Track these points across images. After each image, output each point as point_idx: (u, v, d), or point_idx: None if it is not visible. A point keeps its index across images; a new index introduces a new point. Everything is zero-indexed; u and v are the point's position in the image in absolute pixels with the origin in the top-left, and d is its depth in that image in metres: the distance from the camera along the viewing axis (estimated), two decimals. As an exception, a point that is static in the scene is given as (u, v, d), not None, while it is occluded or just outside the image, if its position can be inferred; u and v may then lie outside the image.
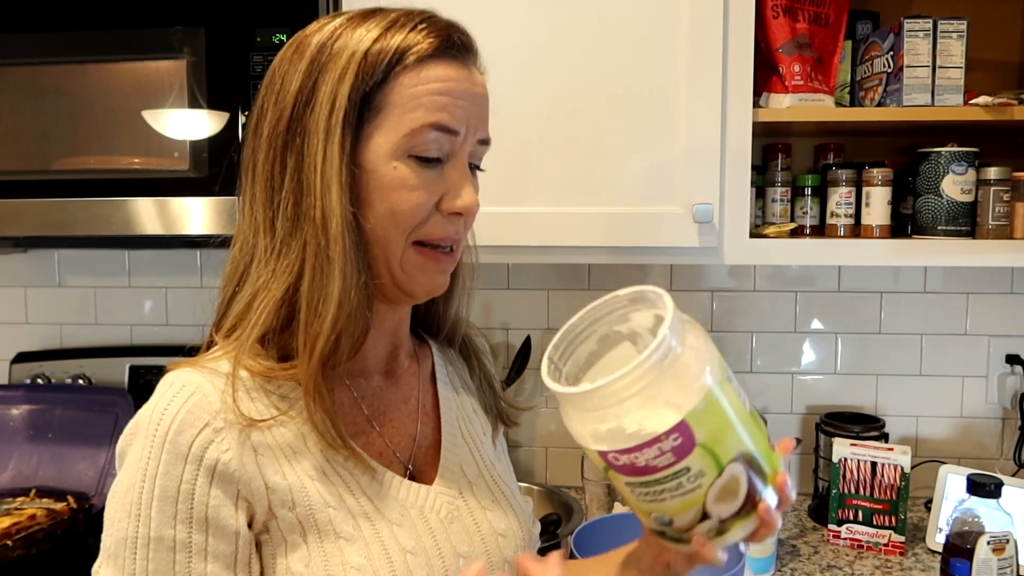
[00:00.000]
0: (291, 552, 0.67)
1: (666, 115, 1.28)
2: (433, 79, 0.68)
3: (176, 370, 0.69)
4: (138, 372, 1.69)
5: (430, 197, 0.70)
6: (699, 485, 0.62)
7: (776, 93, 1.33)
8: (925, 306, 1.63)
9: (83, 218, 1.33)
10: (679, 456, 0.60)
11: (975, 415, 1.64)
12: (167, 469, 0.64)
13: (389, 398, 0.79)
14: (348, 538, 0.68)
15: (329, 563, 0.67)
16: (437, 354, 0.87)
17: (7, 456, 1.62)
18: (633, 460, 0.61)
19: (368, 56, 0.67)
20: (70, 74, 1.31)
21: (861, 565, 1.34)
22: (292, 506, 0.67)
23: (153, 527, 0.64)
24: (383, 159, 0.68)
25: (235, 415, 0.66)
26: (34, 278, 1.82)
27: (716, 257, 1.32)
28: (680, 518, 0.64)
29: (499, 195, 1.31)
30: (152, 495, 0.64)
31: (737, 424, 0.63)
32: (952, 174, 1.31)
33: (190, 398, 0.66)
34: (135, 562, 0.64)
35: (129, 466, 0.65)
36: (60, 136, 1.32)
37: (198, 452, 0.64)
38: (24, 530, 1.36)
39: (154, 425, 0.65)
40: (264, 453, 0.67)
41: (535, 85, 1.30)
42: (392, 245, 0.70)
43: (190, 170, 1.29)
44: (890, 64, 1.33)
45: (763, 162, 1.52)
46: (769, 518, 0.65)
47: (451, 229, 0.72)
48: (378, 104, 0.68)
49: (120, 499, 0.65)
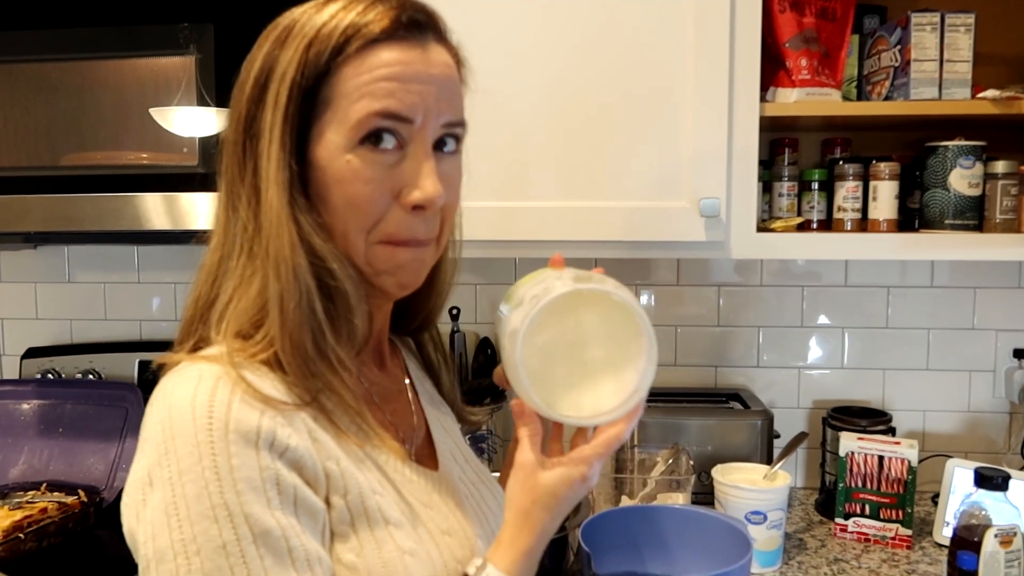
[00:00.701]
0: (339, 543, 0.64)
1: (673, 110, 1.28)
2: (378, 65, 0.64)
3: (195, 363, 0.63)
4: (147, 367, 1.70)
5: (385, 189, 0.66)
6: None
7: (783, 87, 1.33)
8: (932, 300, 1.63)
9: (92, 213, 1.34)
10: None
11: (982, 409, 1.64)
12: (241, 460, 0.57)
13: (388, 388, 0.80)
14: (397, 524, 0.67)
15: (382, 550, 0.64)
16: (405, 351, 0.88)
17: (18, 450, 1.63)
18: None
19: (310, 48, 0.64)
20: (78, 70, 1.32)
21: (868, 558, 1.35)
22: (344, 493, 0.64)
23: (253, 522, 0.57)
24: (336, 154, 0.65)
25: (280, 403, 0.62)
26: (44, 274, 1.83)
27: (723, 251, 1.32)
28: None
29: (504, 190, 1.32)
30: (236, 491, 0.57)
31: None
32: (960, 168, 1.31)
33: (235, 387, 0.60)
34: (246, 565, 0.56)
35: (185, 474, 0.57)
36: (68, 132, 1.33)
37: (268, 436, 0.59)
38: (35, 524, 1.37)
39: (204, 420, 0.58)
40: (318, 438, 0.64)
41: (540, 80, 1.30)
42: (353, 241, 0.67)
43: (199, 165, 1.30)
44: (897, 58, 1.33)
45: (770, 157, 1.53)
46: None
47: (417, 228, 0.68)
48: (325, 98, 0.65)
49: (191, 510, 0.56)
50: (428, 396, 0.86)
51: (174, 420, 0.58)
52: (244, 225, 0.66)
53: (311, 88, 0.64)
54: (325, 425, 0.66)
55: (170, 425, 0.58)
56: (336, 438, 0.66)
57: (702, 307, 1.69)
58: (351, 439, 0.67)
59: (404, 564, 0.65)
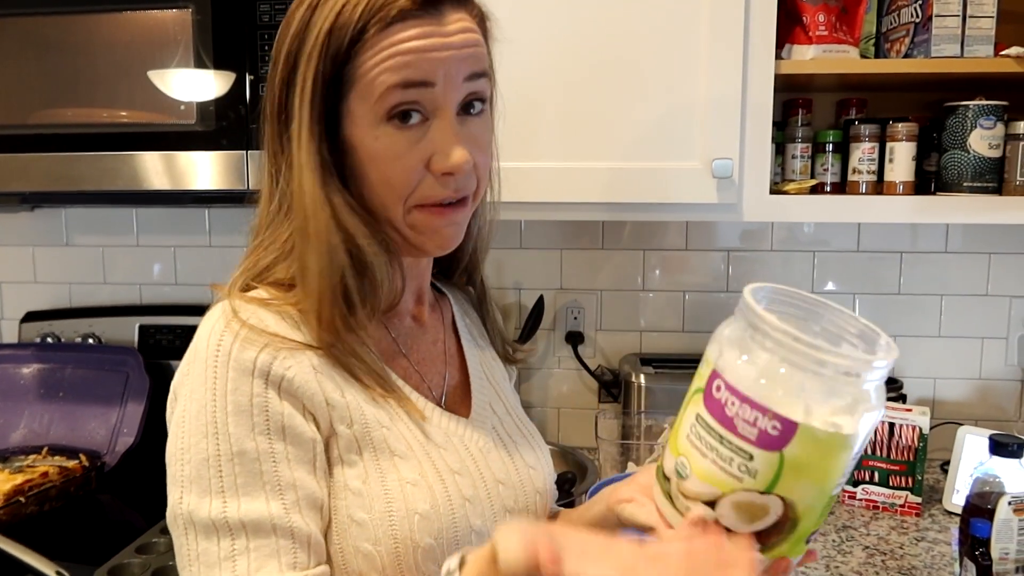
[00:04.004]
0: (347, 468, 0.68)
1: (686, 67, 1.24)
2: (396, 43, 0.66)
3: (225, 300, 0.69)
4: (147, 331, 1.68)
5: (418, 160, 0.69)
6: (740, 478, 0.57)
7: (799, 44, 1.29)
8: (946, 266, 1.60)
9: (90, 173, 1.31)
10: (757, 443, 0.56)
11: (994, 377, 1.62)
12: (236, 385, 0.64)
13: (420, 338, 0.82)
14: (402, 456, 0.70)
15: (385, 479, 0.68)
16: (455, 305, 0.90)
17: (19, 414, 1.62)
18: (725, 403, 0.57)
19: (332, 34, 0.66)
20: (73, 25, 1.28)
21: (877, 526, 1.33)
22: (350, 423, 0.69)
23: (234, 442, 0.64)
24: (366, 131, 0.68)
25: (284, 340, 0.67)
26: (42, 237, 1.81)
27: (735, 214, 1.29)
28: (697, 484, 0.60)
29: (509, 150, 1.27)
30: (226, 412, 0.64)
31: (817, 487, 0.58)
32: (980, 128, 1.27)
33: (248, 320, 0.67)
34: (222, 479, 0.63)
35: (193, 391, 0.65)
36: (64, 89, 1.29)
37: (264, 368, 0.65)
38: (37, 487, 1.36)
39: (214, 347, 0.65)
40: (322, 372, 0.68)
41: (548, 34, 1.26)
42: (392, 212, 0.71)
43: (197, 124, 1.27)
44: (918, 14, 1.28)
45: (783, 118, 1.48)
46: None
47: (449, 188, 0.70)
48: (350, 78, 0.67)
49: (191, 423, 0.65)
50: (477, 347, 0.88)
51: (197, 348, 0.67)
52: (282, 199, 0.71)
53: (335, 73, 0.67)
54: (339, 371, 0.70)
55: (193, 352, 0.67)
56: (347, 380, 0.70)
57: (710, 273, 1.66)
58: (368, 388, 0.71)
59: (404, 493, 0.68)
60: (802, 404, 0.55)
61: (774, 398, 0.55)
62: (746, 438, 0.56)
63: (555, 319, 1.69)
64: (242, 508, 0.63)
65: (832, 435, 0.55)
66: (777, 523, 0.58)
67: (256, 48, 1.23)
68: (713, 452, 0.58)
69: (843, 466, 0.57)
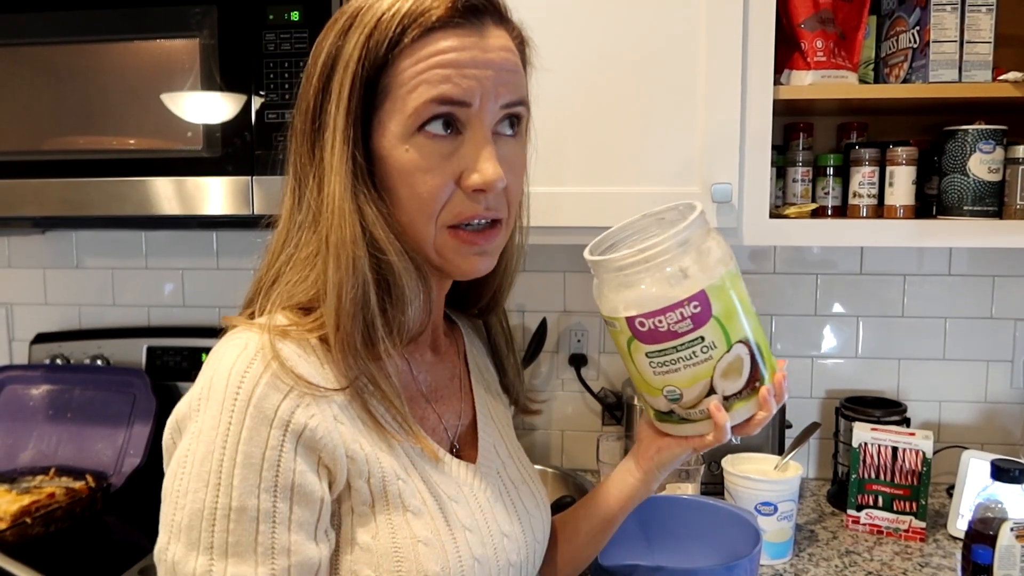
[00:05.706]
0: (358, 524, 0.66)
1: (685, 94, 1.26)
2: (435, 53, 0.65)
3: (244, 331, 0.65)
4: (155, 353, 1.70)
5: (448, 176, 0.67)
6: (710, 357, 0.72)
7: (798, 70, 1.30)
8: (949, 289, 1.60)
9: (99, 198, 1.33)
10: (696, 324, 0.71)
11: (999, 400, 1.61)
12: (251, 435, 0.60)
13: (439, 373, 0.80)
14: (416, 512, 0.67)
15: (397, 536, 0.66)
16: (466, 336, 0.88)
17: (27, 435, 1.64)
18: (656, 325, 0.72)
19: (370, 39, 0.65)
20: (83, 53, 1.31)
21: (880, 551, 1.33)
22: (368, 477, 0.66)
23: (235, 496, 0.59)
24: (396, 144, 0.66)
25: (310, 384, 0.64)
26: (53, 260, 1.83)
27: (735, 238, 1.29)
28: (689, 391, 0.74)
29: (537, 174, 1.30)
30: (234, 462, 0.60)
31: (746, 313, 0.74)
32: (979, 153, 1.28)
33: (271, 361, 0.62)
34: (213, 535, 0.59)
35: (202, 432, 0.61)
36: (75, 116, 1.32)
37: (284, 417, 0.61)
38: (43, 508, 1.37)
39: (235, 385, 0.61)
40: (344, 422, 0.65)
41: (549, 63, 1.27)
42: (421, 230, 0.68)
43: (203, 150, 1.29)
44: (916, 39, 1.29)
45: (784, 142, 1.50)
46: (767, 403, 0.75)
47: (479, 206, 0.68)
48: (384, 88, 0.66)
49: (194, 467, 0.60)
50: (483, 383, 0.86)
51: (213, 382, 0.62)
52: (309, 212, 0.68)
53: (372, 79, 0.65)
54: (359, 411, 0.67)
55: (209, 386, 0.62)
56: (366, 424, 0.67)
57: (714, 295, 1.66)
58: (385, 431, 0.68)
59: (415, 552, 0.65)
60: (688, 279, 0.71)
61: (674, 292, 0.71)
62: (688, 330, 0.72)
63: (559, 341, 1.70)
64: (228, 571, 0.59)
65: (722, 278, 0.72)
66: (752, 360, 0.74)
67: (261, 76, 1.25)
68: (680, 361, 0.73)
69: (742, 291, 0.74)
